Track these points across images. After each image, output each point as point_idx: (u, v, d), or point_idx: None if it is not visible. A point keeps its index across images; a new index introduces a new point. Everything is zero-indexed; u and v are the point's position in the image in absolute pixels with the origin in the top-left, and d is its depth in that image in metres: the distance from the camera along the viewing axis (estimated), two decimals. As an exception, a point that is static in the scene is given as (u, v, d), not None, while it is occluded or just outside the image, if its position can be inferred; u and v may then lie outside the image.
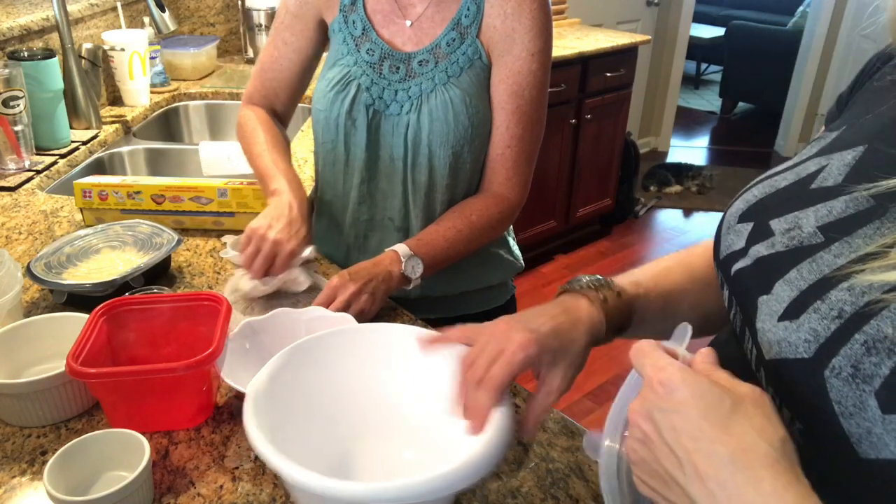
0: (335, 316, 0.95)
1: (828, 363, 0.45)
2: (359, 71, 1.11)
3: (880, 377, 0.43)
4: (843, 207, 0.52)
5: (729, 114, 5.75)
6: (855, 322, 0.45)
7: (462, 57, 1.08)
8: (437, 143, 1.08)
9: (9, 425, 0.84)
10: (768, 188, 0.59)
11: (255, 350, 0.92)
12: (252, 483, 0.76)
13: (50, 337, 0.91)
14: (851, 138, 0.57)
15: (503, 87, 1.09)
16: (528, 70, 1.08)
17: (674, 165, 4.39)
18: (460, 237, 1.11)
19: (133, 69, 1.95)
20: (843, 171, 0.54)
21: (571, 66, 2.96)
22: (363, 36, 1.12)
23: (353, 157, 1.14)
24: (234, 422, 0.85)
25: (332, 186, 1.20)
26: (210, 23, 2.53)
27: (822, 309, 0.47)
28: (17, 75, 1.50)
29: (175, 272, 1.16)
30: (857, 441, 0.43)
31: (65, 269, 1.05)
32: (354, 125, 1.11)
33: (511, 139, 1.11)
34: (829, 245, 0.50)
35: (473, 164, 1.13)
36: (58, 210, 1.38)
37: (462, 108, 1.07)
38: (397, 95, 1.10)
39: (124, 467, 0.73)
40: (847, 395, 0.44)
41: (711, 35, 6.05)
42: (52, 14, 1.74)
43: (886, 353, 0.43)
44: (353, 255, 1.21)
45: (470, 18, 1.07)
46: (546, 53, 1.09)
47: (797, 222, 0.54)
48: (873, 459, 0.43)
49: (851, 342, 0.45)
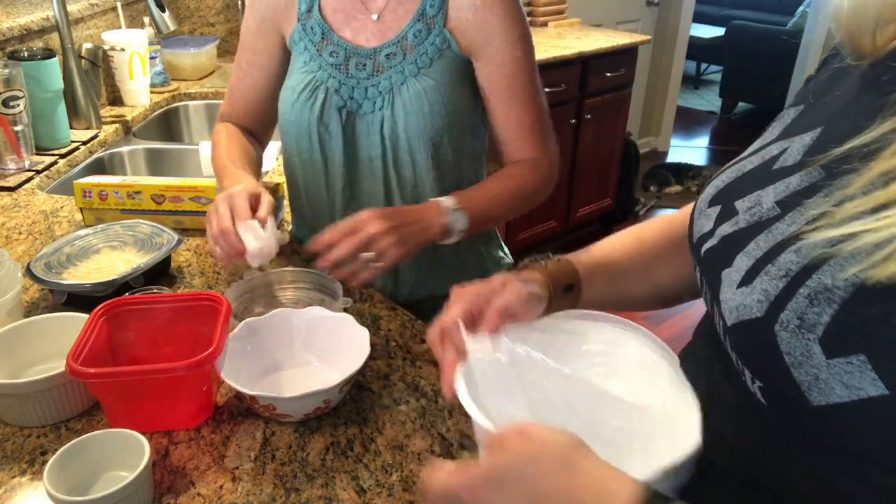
0: (335, 316, 0.95)
1: (777, 318, 0.49)
2: (324, 74, 1.09)
3: (822, 325, 0.46)
4: (799, 181, 0.55)
5: (729, 114, 5.75)
6: (799, 278, 0.49)
7: (431, 47, 1.07)
8: (415, 135, 1.07)
9: (9, 425, 0.84)
10: (735, 172, 0.64)
11: (255, 350, 0.92)
12: (252, 483, 0.76)
13: (50, 337, 0.91)
14: (811, 121, 0.60)
15: (495, 80, 1.09)
16: (513, 58, 1.08)
17: (674, 165, 4.39)
18: (502, 199, 1.12)
19: (133, 69, 1.95)
20: (801, 150, 0.58)
21: (571, 66, 2.95)
22: (324, 40, 1.10)
23: (332, 162, 1.13)
24: (234, 422, 0.85)
25: (315, 194, 1.18)
26: (210, 23, 2.53)
27: (772, 271, 0.51)
28: (17, 75, 1.50)
29: (175, 272, 1.16)
30: (808, 389, 0.47)
31: (65, 269, 1.05)
32: (328, 130, 1.10)
33: (521, 125, 1.12)
34: (784, 216, 0.54)
35: (457, 154, 1.12)
36: (58, 210, 1.38)
37: (437, 97, 1.06)
38: (368, 92, 1.08)
39: (124, 467, 0.73)
40: (795, 345, 0.48)
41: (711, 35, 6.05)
42: (52, 14, 1.74)
43: (826, 302, 0.46)
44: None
45: (435, 8, 1.06)
46: (526, 38, 1.09)
47: (758, 200, 0.57)
48: (824, 405, 0.46)
49: (797, 296, 0.48)
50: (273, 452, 0.81)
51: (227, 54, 2.58)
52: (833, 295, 0.46)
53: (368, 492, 0.76)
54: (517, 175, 1.14)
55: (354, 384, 0.92)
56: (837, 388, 0.45)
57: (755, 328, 0.51)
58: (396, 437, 0.84)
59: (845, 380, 0.45)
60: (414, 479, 0.78)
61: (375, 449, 0.82)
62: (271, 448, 0.81)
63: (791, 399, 0.48)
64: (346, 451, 0.81)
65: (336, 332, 0.93)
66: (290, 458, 0.80)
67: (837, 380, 0.45)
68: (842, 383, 0.45)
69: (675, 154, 4.80)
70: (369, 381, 0.93)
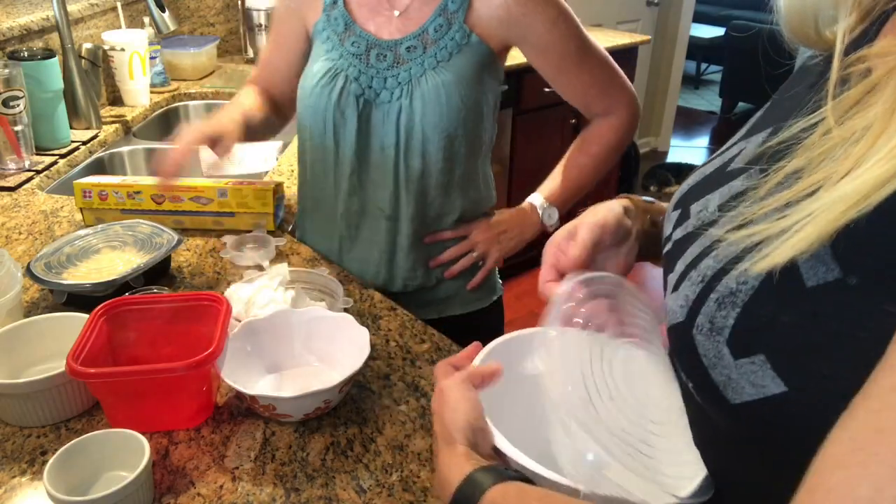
0: (335, 316, 0.95)
1: (694, 322, 0.51)
2: (345, 63, 1.12)
3: (728, 328, 0.48)
4: (740, 184, 0.56)
5: (729, 114, 5.75)
6: (712, 283, 0.50)
7: (451, 42, 1.09)
8: (431, 126, 1.09)
9: (9, 425, 0.84)
10: (699, 176, 0.64)
11: (255, 350, 0.92)
12: (252, 483, 0.76)
13: (50, 337, 0.91)
14: (767, 120, 0.61)
15: (543, 62, 1.14)
16: (555, 39, 1.10)
17: (674, 165, 4.39)
18: (586, 171, 1.23)
19: (133, 69, 1.95)
20: (753, 152, 0.58)
21: (571, 66, 2.95)
22: (347, 31, 1.13)
23: (343, 148, 1.15)
24: (233, 422, 0.85)
25: (322, 180, 1.20)
26: (210, 23, 2.53)
27: (693, 276, 0.53)
28: (17, 75, 1.50)
29: (175, 272, 1.16)
30: (724, 388, 0.49)
31: (65, 269, 1.05)
32: (343, 116, 1.12)
33: (583, 89, 1.17)
34: (719, 220, 0.55)
35: (468, 147, 1.14)
36: (58, 210, 1.38)
37: (455, 90, 1.08)
38: (387, 83, 1.11)
39: (124, 467, 0.73)
40: (709, 347, 0.49)
41: (711, 35, 6.05)
42: (52, 14, 1.73)
43: (731, 305, 0.48)
44: (345, 247, 1.22)
45: (457, 4, 1.08)
46: (563, 15, 1.10)
47: (706, 204, 0.59)
48: (739, 403, 0.48)
49: (708, 301, 0.50)
50: (273, 452, 0.81)
51: (227, 54, 2.58)
52: (736, 298, 0.48)
53: (368, 492, 0.76)
54: (596, 137, 1.21)
55: (354, 384, 0.92)
56: (747, 387, 0.47)
57: (679, 332, 0.53)
58: (396, 437, 0.84)
59: (752, 379, 0.46)
60: (414, 479, 0.78)
61: (375, 449, 0.82)
62: (271, 448, 0.81)
63: (716, 399, 0.50)
64: (346, 451, 0.81)
65: (336, 332, 0.93)
66: (290, 458, 0.80)
67: (746, 379, 0.47)
68: (750, 382, 0.47)
69: (675, 154, 4.80)
70: (369, 381, 0.93)
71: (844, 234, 0.42)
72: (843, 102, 0.47)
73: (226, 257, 1.19)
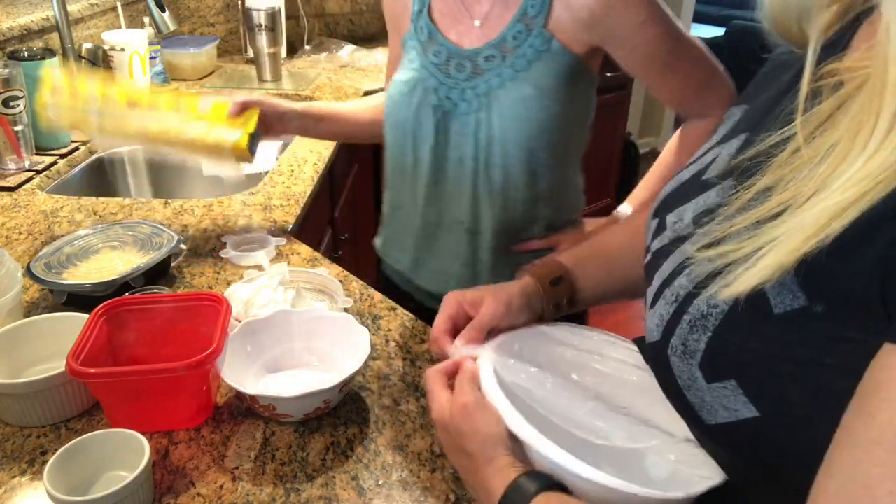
0: (335, 316, 0.95)
1: (668, 343, 0.51)
2: (425, 73, 1.11)
3: (700, 351, 0.48)
4: (714, 196, 0.55)
5: (729, 114, 5.75)
6: (685, 304, 0.50)
7: (529, 49, 1.04)
8: (511, 141, 1.06)
9: (9, 425, 0.84)
10: (675, 183, 0.63)
11: (255, 350, 0.92)
12: (252, 483, 0.76)
13: (50, 337, 0.91)
14: (741, 125, 0.60)
15: (631, 63, 1.06)
16: (647, 39, 1.03)
17: (674, 165, 4.39)
18: None
19: (133, 69, 1.94)
20: (727, 160, 0.57)
21: (571, 66, 2.95)
22: (430, 40, 1.12)
23: (420, 158, 1.14)
24: (234, 422, 0.85)
25: (400, 190, 1.21)
26: (210, 23, 2.53)
27: (667, 295, 0.52)
28: (17, 75, 1.50)
29: (175, 272, 1.16)
30: (699, 409, 0.49)
31: (65, 269, 1.05)
32: (421, 126, 1.11)
33: (675, 91, 1.10)
34: (693, 234, 0.54)
35: (555, 159, 1.11)
36: (58, 210, 1.38)
37: (535, 104, 1.04)
38: (465, 94, 1.09)
39: (124, 467, 0.73)
40: (683, 369, 0.49)
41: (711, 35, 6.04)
42: (52, 14, 1.74)
43: (702, 329, 0.48)
44: (422, 258, 1.21)
45: (536, 9, 1.04)
46: (654, 16, 1.02)
47: (681, 215, 0.58)
48: (713, 424, 0.48)
49: (681, 322, 0.50)
50: (273, 452, 0.81)
51: (227, 54, 2.58)
52: (706, 322, 0.47)
53: (368, 492, 0.76)
54: (691, 143, 1.16)
55: (354, 384, 0.92)
56: (720, 409, 0.47)
57: (656, 350, 0.53)
58: (396, 437, 0.84)
59: (724, 403, 0.47)
60: (414, 479, 0.78)
61: (375, 449, 0.82)
62: (271, 448, 0.81)
63: (692, 418, 0.50)
64: (346, 451, 0.81)
65: (336, 332, 0.93)
66: (290, 458, 0.80)
67: (719, 402, 0.47)
68: (722, 406, 0.47)
69: (675, 154, 4.79)
70: (369, 381, 0.93)
71: (806, 264, 0.41)
72: (812, 118, 0.46)
73: (226, 257, 1.19)
